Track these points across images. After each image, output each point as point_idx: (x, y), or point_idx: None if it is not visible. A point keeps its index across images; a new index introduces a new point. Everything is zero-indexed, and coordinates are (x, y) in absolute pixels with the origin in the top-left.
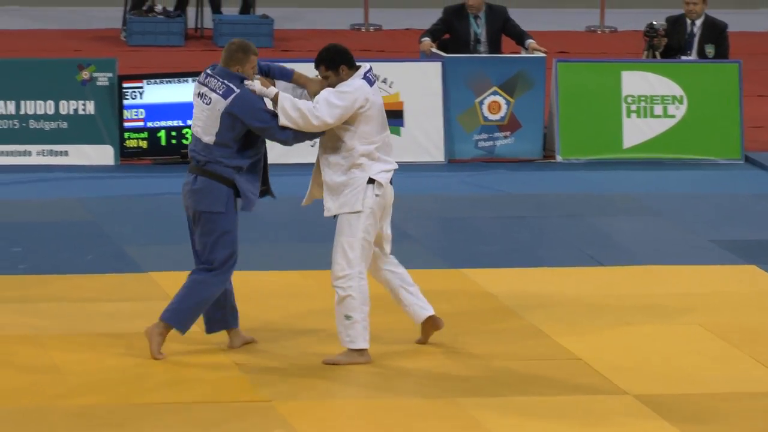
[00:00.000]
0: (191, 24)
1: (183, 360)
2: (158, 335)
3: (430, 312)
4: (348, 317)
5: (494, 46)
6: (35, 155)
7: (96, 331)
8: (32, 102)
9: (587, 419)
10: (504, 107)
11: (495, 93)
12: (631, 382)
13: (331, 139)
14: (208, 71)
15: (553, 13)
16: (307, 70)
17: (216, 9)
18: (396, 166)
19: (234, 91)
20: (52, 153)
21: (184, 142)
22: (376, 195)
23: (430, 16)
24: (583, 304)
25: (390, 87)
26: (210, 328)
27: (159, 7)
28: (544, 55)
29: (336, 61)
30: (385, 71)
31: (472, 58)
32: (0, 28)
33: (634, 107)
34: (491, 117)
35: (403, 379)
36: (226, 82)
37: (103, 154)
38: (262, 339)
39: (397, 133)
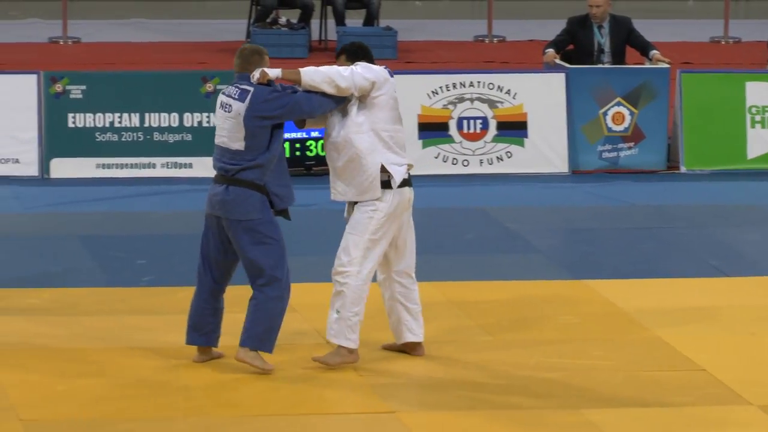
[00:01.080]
0: (315, 36)
1: (303, 373)
2: (253, 358)
3: (416, 339)
4: (337, 311)
5: (618, 57)
6: (159, 167)
7: (219, 344)
8: (156, 114)
9: (710, 430)
10: (628, 118)
11: (619, 104)
12: (755, 393)
13: (341, 120)
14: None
15: (677, 24)
16: (428, 80)
17: (340, 21)
18: (410, 163)
19: (248, 91)
20: (176, 165)
21: (309, 154)
22: (390, 193)
23: (553, 27)
24: (708, 315)
25: (514, 98)
26: (192, 340)
27: (283, 20)
28: (668, 65)
29: (358, 55)
30: (509, 82)
31: (596, 68)
32: (125, 40)
33: (758, 117)
34: (615, 128)
35: (526, 390)
36: (239, 85)
37: None
38: (375, 350)
39: (521, 144)
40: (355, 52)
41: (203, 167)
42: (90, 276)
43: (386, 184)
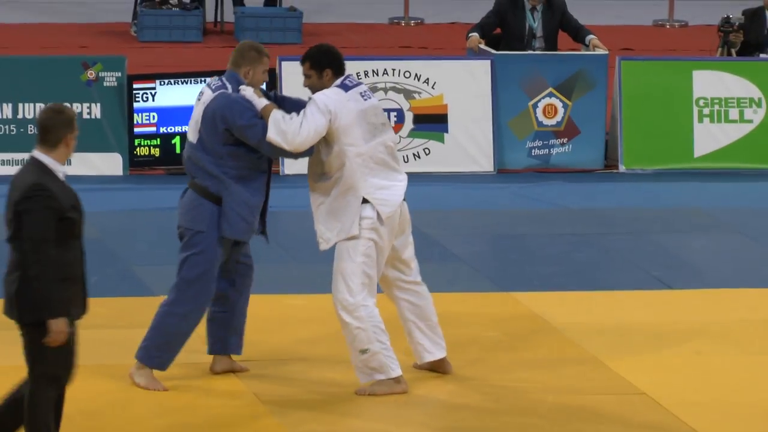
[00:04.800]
0: (210, 17)
1: (191, 385)
2: (142, 376)
3: (436, 356)
4: (364, 351)
5: (551, 43)
6: None
7: (98, 362)
8: (31, 104)
9: None
10: (561, 111)
11: (551, 95)
12: (702, 419)
13: (313, 159)
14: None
15: (617, 6)
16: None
17: (238, 1)
18: (402, 180)
19: (224, 90)
20: None
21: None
22: (374, 218)
23: (477, 9)
24: (649, 332)
25: (433, 88)
26: (211, 349)
27: None
28: (605, 52)
29: (322, 63)
30: (428, 70)
31: (525, 55)
32: None
33: (706, 111)
34: (546, 122)
35: (440, 417)
36: (223, 80)
37: (110, 163)
38: (280, 365)
39: (441, 140)
40: (319, 60)
41: (83, 164)
42: None
43: (364, 200)
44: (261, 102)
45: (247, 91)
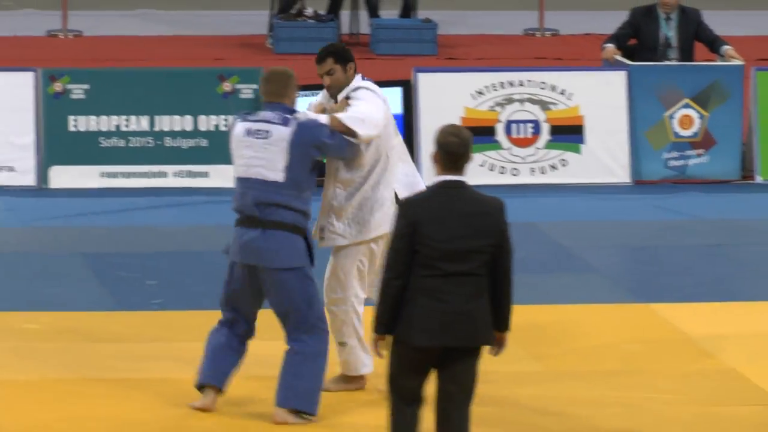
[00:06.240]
0: (345, 29)
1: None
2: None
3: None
4: (342, 344)
5: (686, 53)
6: (171, 176)
7: (247, 373)
8: (168, 117)
9: None
10: (697, 122)
11: (687, 106)
12: None
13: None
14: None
15: (752, 16)
16: (472, 78)
17: (373, 12)
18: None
19: (293, 120)
20: (190, 174)
21: None
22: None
23: (612, 19)
24: None
25: (569, 99)
26: (210, 379)
27: (309, 11)
28: (741, 63)
29: (346, 57)
30: (563, 81)
31: (661, 66)
32: (131, 34)
33: None
34: (683, 133)
35: (586, 428)
36: (279, 113)
37: None
38: None
39: (577, 151)
40: (342, 55)
41: (220, 176)
42: (94, 298)
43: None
44: (321, 117)
45: (306, 113)
